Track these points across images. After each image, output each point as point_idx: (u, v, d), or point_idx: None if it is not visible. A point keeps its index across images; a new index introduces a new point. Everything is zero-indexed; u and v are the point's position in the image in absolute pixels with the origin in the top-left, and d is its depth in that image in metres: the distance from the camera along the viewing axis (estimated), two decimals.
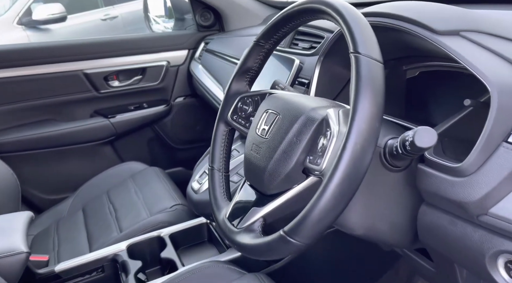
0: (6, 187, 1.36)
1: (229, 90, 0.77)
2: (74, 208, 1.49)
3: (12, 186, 1.38)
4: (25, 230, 0.93)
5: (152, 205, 1.30)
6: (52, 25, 3.61)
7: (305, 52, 0.96)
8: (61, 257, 1.22)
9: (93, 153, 1.69)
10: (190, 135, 1.88)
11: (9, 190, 1.37)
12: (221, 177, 0.74)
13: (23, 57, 1.48)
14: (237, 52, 1.37)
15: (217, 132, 0.77)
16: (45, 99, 1.57)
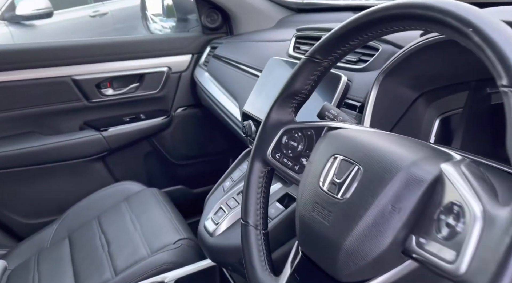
0: None
1: (269, 119, 0.58)
2: (59, 237, 1.28)
3: None
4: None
5: (152, 239, 1.10)
6: (37, 21, 3.36)
7: (352, 66, 0.77)
8: None
9: (82, 171, 1.48)
10: (193, 150, 1.69)
11: None
12: (259, 236, 0.55)
13: (1, 61, 1.26)
14: (251, 60, 1.18)
15: (251, 173, 0.58)
16: (26, 109, 1.35)
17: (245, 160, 1.00)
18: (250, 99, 0.98)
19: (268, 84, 0.93)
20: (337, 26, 0.51)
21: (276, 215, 0.77)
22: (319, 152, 0.49)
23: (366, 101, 0.68)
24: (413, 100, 0.69)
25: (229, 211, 0.84)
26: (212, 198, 0.96)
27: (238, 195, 0.89)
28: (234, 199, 0.88)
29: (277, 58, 0.95)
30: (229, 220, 0.83)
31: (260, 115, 0.92)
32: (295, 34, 1.00)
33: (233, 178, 0.97)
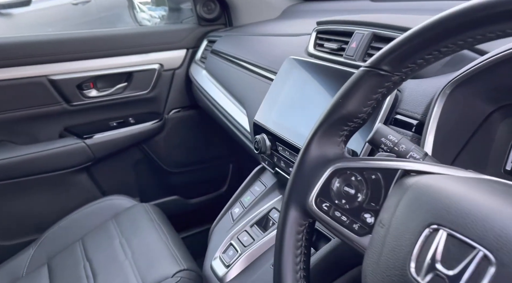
0: None
1: (309, 151, 0.42)
2: (36, 263, 1.11)
3: None
4: None
5: (146, 271, 0.94)
6: (14, 10, 3.11)
7: None
8: None
9: (63, 185, 1.30)
10: (188, 157, 1.51)
11: None
12: None
13: None
14: (258, 58, 1.01)
15: (286, 227, 0.42)
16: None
17: (257, 180, 0.84)
18: (262, 108, 0.81)
19: (286, 90, 0.77)
20: (422, 24, 0.34)
21: None
22: (401, 213, 0.32)
23: (427, 118, 0.52)
24: (486, 116, 0.53)
25: (242, 250, 0.68)
26: (218, 229, 0.80)
27: (252, 228, 0.73)
28: (247, 233, 0.72)
29: (295, 58, 0.78)
30: (243, 262, 0.67)
31: (276, 129, 0.75)
32: (316, 28, 0.83)
33: (243, 203, 0.80)
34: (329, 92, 0.69)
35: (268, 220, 0.73)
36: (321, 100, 0.70)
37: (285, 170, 0.73)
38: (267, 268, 0.64)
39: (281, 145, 0.73)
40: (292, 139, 0.70)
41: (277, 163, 0.76)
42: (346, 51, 0.71)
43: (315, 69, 0.73)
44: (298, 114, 0.74)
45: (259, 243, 0.68)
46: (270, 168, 0.79)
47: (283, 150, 0.73)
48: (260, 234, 0.70)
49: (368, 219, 0.37)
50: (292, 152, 0.70)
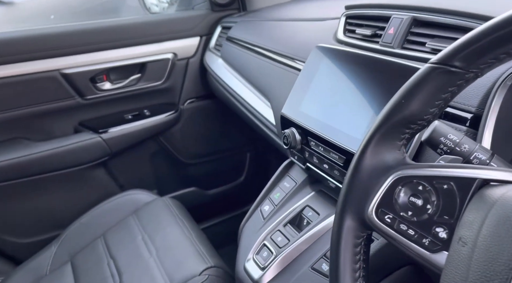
0: None
1: (366, 157, 0.38)
2: (59, 261, 1.10)
3: None
4: None
5: (172, 269, 0.92)
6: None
7: None
8: None
9: (80, 180, 1.27)
10: (205, 148, 1.48)
11: None
12: None
13: None
14: (280, 45, 0.96)
15: (341, 239, 0.39)
16: (9, 112, 1.13)
17: (286, 176, 0.80)
18: (290, 101, 0.77)
19: (316, 81, 0.72)
20: (506, 13, 0.30)
21: None
22: (491, 232, 0.29)
23: (484, 111, 0.47)
24: None
25: (277, 251, 0.65)
26: (248, 227, 0.77)
27: (286, 227, 0.70)
28: (281, 232, 0.69)
29: (324, 46, 0.73)
30: (279, 265, 0.64)
31: (306, 123, 0.71)
32: (345, 13, 0.78)
33: (273, 200, 0.77)
34: (364, 82, 0.64)
35: (302, 219, 0.70)
36: (355, 92, 0.65)
37: (318, 166, 0.70)
38: (306, 272, 0.62)
39: (314, 140, 0.69)
40: (326, 134, 0.66)
41: (309, 158, 0.72)
42: (383, 38, 0.66)
43: (347, 57, 0.69)
44: (331, 107, 0.69)
45: (295, 244, 0.65)
46: (301, 163, 0.75)
47: (316, 145, 0.69)
48: (295, 234, 0.67)
49: (440, 234, 0.33)
50: (326, 148, 0.66)
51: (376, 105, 0.60)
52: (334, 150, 0.64)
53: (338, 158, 0.63)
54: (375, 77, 0.62)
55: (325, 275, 0.59)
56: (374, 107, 0.61)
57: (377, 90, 0.61)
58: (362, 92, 0.64)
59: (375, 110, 0.60)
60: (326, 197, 0.72)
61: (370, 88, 0.63)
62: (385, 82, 0.60)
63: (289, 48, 0.90)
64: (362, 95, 0.64)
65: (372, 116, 0.60)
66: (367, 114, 0.61)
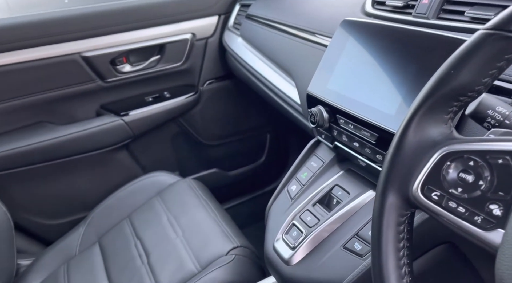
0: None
1: (409, 132, 0.36)
2: (87, 242, 1.12)
3: (0, 222, 1.00)
4: None
5: (199, 250, 0.93)
6: None
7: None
8: None
9: (104, 163, 1.29)
10: (225, 129, 1.48)
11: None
12: None
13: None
14: (303, 21, 0.92)
15: (383, 217, 0.37)
16: (33, 96, 1.14)
17: (313, 155, 0.79)
18: (317, 78, 0.75)
19: (344, 57, 0.70)
20: None
21: None
22: None
23: None
24: None
25: (307, 231, 0.65)
26: (276, 207, 0.76)
27: (315, 207, 0.69)
28: (310, 212, 0.68)
29: (352, 20, 0.71)
30: (310, 244, 0.64)
31: (335, 100, 0.69)
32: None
33: (300, 180, 0.76)
34: (396, 56, 0.61)
35: (332, 198, 0.69)
36: (387, 66, 0.63)
37: (348, 144, 0.68)
38: (337, 251, 0.61)
39: (343, 118, 0.68)
40: (356, 111, 0.64)
41: (337, 137, 0.70)
42: (416, 9, 0.63)
43: (376, 31, 0.66)
44: (361, 83, 0.67)
45: (326, 224, 0.64)
46: (328, 142, 0.74)
47: (346, 123, 0.67)
48: (324, 214, 0.66)
49: (495, 211, 0.32)
50: (357, 125, 0.64)
51: (410, 80, 0.58)
52: (366, 127, 0.62)
53: (369, 136, 0.62)
54: (408, 50, 0.60)
55: (357, 254, 0.58)
56: (407, 82, 0.58)
57: (410, 64, 0.59)
58: (394, 67, 0.61)
59: (409, 85, 0.58)
60: (356, 175, 0.70)
61: (403, 62, 0.60)
62: (419, 55, 0.57)
63: (313, 23, 0.87)
64: (395, 70, 0.61)
65: (406, 92, 0.58)
66: (401, 89, 0.59)
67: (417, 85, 0.56)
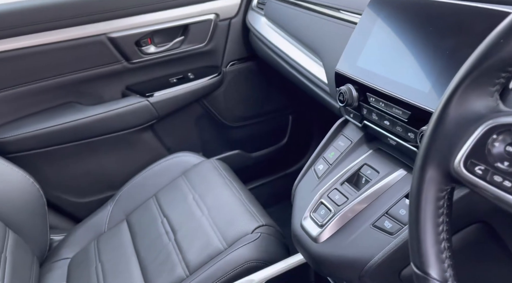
0: (26, 202, 1.02)
1: (452, 104, 0.36)
2: (116, 219, 1.16)
3: (34, 199, 1.04)
4: None
5: (224, 227, 0.95)
6: None
7: None
8: None
9: (130, 143, 1.31)
10: (248, 110, 1.48)
11: (31, 206, 1.04)
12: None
13: (24, 22, 1.05)
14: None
15: (422, 192, 0.37)
16: (61, 77, 1.17)
17: (340, 135, 0.78)
18: (346, 56, 0.73)
19: (375, 33, 0.68)
20: None
21: None
22: None
23: None
24: None
25: (336, 209, 0.65)
26: (303, 186, 0.76)
27: (343, 186, 0.69)
28: (338, 190, 0.68)
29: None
30: (338, 222, 0.64)
31: (365, 78, 0.68)
32: None
33: (327, 159, 0.76)
34: (431, 31, 0.59)
35: (360, 177, 0.69)
36: (421, 42, 0.61)
37: (378, 123, 0.67)
38: (366, 229, 0.61)
39: (373, 96, 0.67)
40: (387, 89, 0.63)
41: (367, 115, 0.70)
42: None
43: (409, 5, 0.64)
44: (392, 60, 0.66)
45: (355, 202, 0.64)
46: (357, 122, 0.73)
47: (376, 101, 0.66)
48: (353, 192, 0.66)
49: None
50: (388, 103, 0.63)
51: (445, 56, 0.56)
52: (397, 105, 0.61)
53: (401, 113, 0.61)
54: (443, 25, 0.58)
55: (387, 232, 0.58)
56: (443, 58, 0.57)
57: (446, 39, 0.57)
58: (428, 42, 0.60)
59: (445, 61, 0.56)
60: (385, 155, 0.70)
61: (437, 38, 0.58)
62: (456, 30, 0.55)
63: (342, 0, 0.85)
64: (429, 46, 0.59)
65: (441, 68, 0.56)
66: (435, 66, 0.57)
67: (454, 61, 0.55)
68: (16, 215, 1.00)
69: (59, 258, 1.09)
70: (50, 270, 1.06)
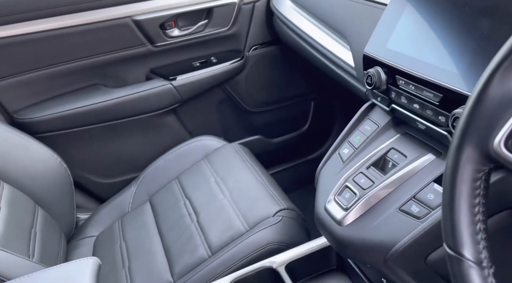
0: (55, 181, 1.06)
1: (493, 83, 0.34)
2: (139, 200, 1.18)
3: (62, 178, 1.07)
4: None
5: (246, 210, 0.95)
6: None
7: None
8: (134, 280, 0.93)
9: (153, 126, 1.33)
10: (269, 95, 1.47)
11: (59, 184, 1.07)
12: (489, 280, 0.35)
13: (51, 4, 1.07)
14: None
15: (458, 173, 0.36)
16: (87, 59, 1.18)
17: (366, 119, 0.77)
18: (375, 38, 0.72)
19: (407, 15, 0.66)
20: None
21: (440, 203, 0.55)
22: None
23: None
24: None
25: (361, 193, 0.64)
26: (327, 170, 0.76)
27: (369, 170, 0.68)
28: (364, 174, 0.67)
29: None
30: (363, 206, 0.63)
31: (394, 60, 0.66)
32: None
33: (353, 143, 0.75)
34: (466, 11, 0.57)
35: (387, 161, 0.68)
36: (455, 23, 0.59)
37: (407, 106, 0.66)
38: (393, 213, 0.60)
39: (403, 78, 0.65)
40: (418, 71, 0.62)
41: (395, 99, 0.68)
42: None
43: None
44: (424, 41, 0.64)
45: (381, 186, 0.63)
46: (385, 105, 0.72)
47: (406, 84, 0.64)
48: (379, 176, 0.65)
49: None
50: (418, 86, 0.62)
51: (482, 36, 0.54)
52: (429, 87, 0.60)
53: (432, 96, 0.59)
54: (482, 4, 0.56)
55: (415, 216, 0.57)
56: (479, 38, 0.55)
57: (484, 19, 0.55)
58: (463, 23, 0.58)
59: (481, 41, 0.54)
60: (413, 139, 0.68)
61: (474, 18, 0.56)
62: (496, 9, 0.53)
63: None
64: (464, 26, 0.58)
65: (477, 49, 0.54)
66: (471, 46, 0.55)
67: (492, 41, 0.53)
68: (45, 192, 1.03)
69: (85, 235, 1.13)
70: (77, 247, 1.09)
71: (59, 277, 0.61)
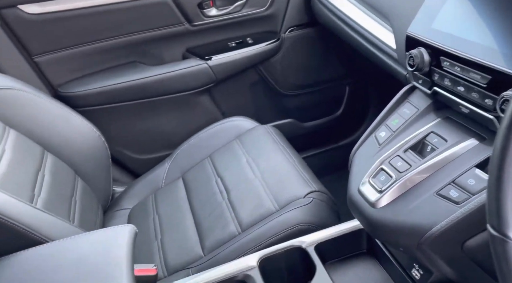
0: (94, 154, 1.10)
1: None
2: (172, 176, 1.21)
3: (100, 151, 1.11)
4: (130, 258, 0.64)
5: (277, 190, 0.96)
6: None
7: None
8: (166, 252, 0.96)
9: (188, 105, 1.35)
10: (304, 79, 1.45)
11: (98, 157, 1.11)
12: None
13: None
14: None
15: (505, 153, 0.35)
16: (126, 36, 1.21)
17: (406, 102, 0.75)
18: (420, 18, 0.69)
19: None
20: None
21: (481, 188, 0.54)
22: None
23: None
24: None
25: (397, 176, 0.63)
26: (362, 152, 0.75)
27: (406, 153, 0.66)
28: (401, 157, 0.66)
29: None
30: (399, 189, 0.62)
31: (440, 41, 0.64)
32: None
33: (390, 126, 0.73)
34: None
35: (426, 145, 0.66)
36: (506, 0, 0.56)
37: (451, 89, 0.63)
38: (430, 197, 0.59)
39: (448, 59, 0.63)
40: (465, 51, 0.59)
41: (438, 81, 0.66)
42: None
43: None
44: (473, 20, 0.61)
45: (418, 169, 0.62)
46: (426, 88, 0.69)
47: (451, 65, 0.62)
48: (417, 160, 0.64)
49: None
50: (464, 67, 0.60)
51: None
52: (476, 68, 0.57)
53: (480, 78, 0.57)
54: None
55: (453, 201, 0.56)
56: None
57: None
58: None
59: None
60: (455, 123, 0.66)
61: None
62: None
63: None
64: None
65: None
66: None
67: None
68: (84, 164, 1.07)
69: (120, 208, 1.17)
70: (112, 218, 1.14)
71: (99, 241, 0.65)
